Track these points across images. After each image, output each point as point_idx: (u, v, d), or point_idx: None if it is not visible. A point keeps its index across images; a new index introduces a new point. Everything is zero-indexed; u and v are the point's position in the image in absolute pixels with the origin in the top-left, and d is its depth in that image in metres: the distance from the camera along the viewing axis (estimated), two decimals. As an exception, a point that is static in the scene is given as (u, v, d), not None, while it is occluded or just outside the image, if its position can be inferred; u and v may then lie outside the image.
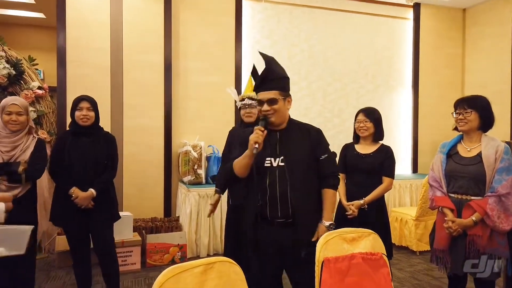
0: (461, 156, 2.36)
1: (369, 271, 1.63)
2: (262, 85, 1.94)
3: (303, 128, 2.03)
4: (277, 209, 1.88)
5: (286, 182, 1.88)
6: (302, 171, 1.92)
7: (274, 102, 1.91)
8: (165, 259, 3.96)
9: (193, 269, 1.22)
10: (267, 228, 1.91)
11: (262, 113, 1.94)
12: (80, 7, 4.38)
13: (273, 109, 1.91)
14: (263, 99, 1.92)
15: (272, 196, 1.88)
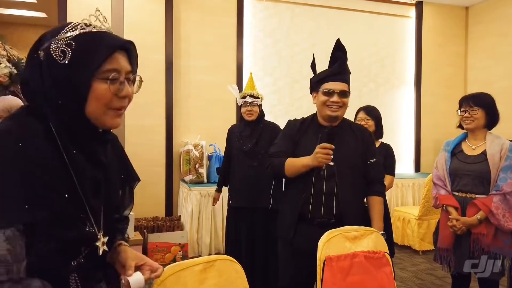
0: (465, 154, 2.34)
1: (372, 269, 1.61)
2: (337, 74, 1.82)
3: (356, 128, 1.95)
4: (320, 209, 1.80)
5: (334, 182, 1.80)
6: (351, 173, 1.85)
7: (346, 95, 1.83)
8: (167, 259, 3.95)
9: (193, 267, 1.21)
10: (306, 227, 1.82)
11: (328, 103, 1.80)
12: (82, 6, 4.37)
13: (343, 102, 1.83)
14: (335, 90, 1.80)
15: (317, 195, 1.80)
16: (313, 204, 1.81)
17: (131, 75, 0.92)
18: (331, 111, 1.82)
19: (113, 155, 1.03)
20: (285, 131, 1.98)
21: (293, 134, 1.90)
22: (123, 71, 0.89)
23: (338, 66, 1.84)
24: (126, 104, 0.91)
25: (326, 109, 1.83)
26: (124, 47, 0.91)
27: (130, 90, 0.91)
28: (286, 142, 1.91)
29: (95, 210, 0.90)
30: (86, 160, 0.87)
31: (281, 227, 1.95)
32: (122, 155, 1.11)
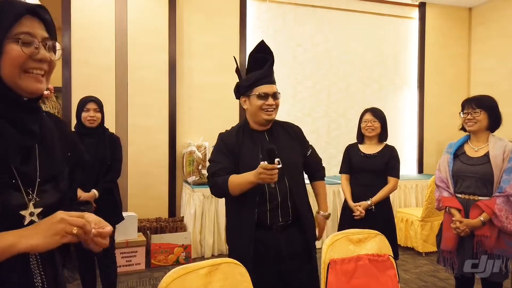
0: (468, 156, 2.33)
1: (376, 272, 1.61)
2: (268, 76, 1.77)
3: (287, 127, 1.94)
4: (278, 214, 1.78)
5: (285, 186, 1.79)
6: (298, 172, 1.87)
7: (277, 96, 1.80)
8: (170, 260, 3.96)
9: (198, 270, 1.21)
10: (265, 234, 1.76)
11: (264, 107, 1.75)
12: (85, 7, 4.39)
13: (276, 104, 1.80)
14: (269, 92, 1.76)
15: (273, 201, 1.76)
16: (270, 213, 1.76)
17: (49, 41, 0.92)
18: (267, 115, 1.78)
19: (57, 132, 1.04)
20: (220, 146, 1.85)
21: (230, 148, 1.80)
22: (38, 36, 0.89)
23: (268, 68, 1.78)
24: (45, 68, 0.91)
25: (262, 113, 1.78)
26: (35, 12, 0.91)
27: (47, 54, 0.90)
28: (225, 158, 1.80)
29: (27, 177, 0.90)
30: (12, 127, 0.87)
31: (238, 242, 1.80)
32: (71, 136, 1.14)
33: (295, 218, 1.81)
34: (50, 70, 0.94)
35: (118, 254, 3.58)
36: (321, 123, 5.44)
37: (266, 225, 1.77)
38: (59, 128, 1.06)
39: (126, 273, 3.70)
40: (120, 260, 3.65)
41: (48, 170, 0.96)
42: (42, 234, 0.82)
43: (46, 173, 0.95)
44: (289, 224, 1.80)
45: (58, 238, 0.82)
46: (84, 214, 0.88)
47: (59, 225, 0.82)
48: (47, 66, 0.92)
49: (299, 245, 1.80)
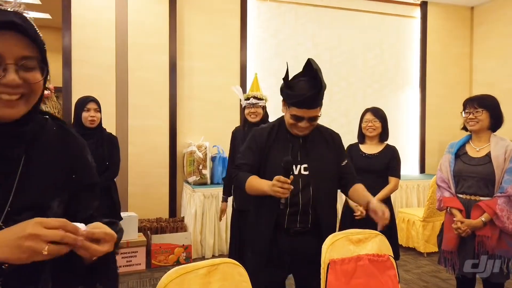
0: (469, 156, 2.32)
1: (376, 273, 1.60)
2: (309, 103, 1.66)
3: (326, 133, 1.89)
4: (296, 220, 1.76)
5: (309, 193, 1.75)
6: (326, 181, 1.80)
7: (316, 119, 1.75)
8: (170, 260, 3.95)
9: (197, 270, 1.21)
10: (282, 236, 1.77)
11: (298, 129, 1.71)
12: (86, 7, 4.38)
13: (312, 125, 1.75)
14: (305, 116, 1.69)
15: (293, 207, 1.74)
16: (289, 217, 1.76)
17: (29, 61, 0.81)
18: (299, 131, 1.75)
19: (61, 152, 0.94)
20: (251, 142, 1.84)
21: (260, 145, 1.78)
22: (9, 55, 0.79)
23: (312, 96, 1.65)
24: (19, 92, 0.81)
25: (294, 128, 1.76)
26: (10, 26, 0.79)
27: (14, 78, 0.79)
28: (252, 155, 1.80)
29: None
30: None
31: (256, 238, 1.85)
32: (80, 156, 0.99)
33: (314, 225, 1.78)
34: (33, 91, 0.84)
35: (119, 254, 3.57)
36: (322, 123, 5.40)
37: (283, 227, 1.77)
38: (64, 145, 0.95)
39: (126, 273, 3.69)
40: (121, 261, 3.65)
41: (26, 199, 0.85)
42: (10, 250, 0.70)
43: (23, 201, 0.84)
44: (306, 231, 1.78)
45: (25, 257, 0.70)
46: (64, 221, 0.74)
47: (26, 242, 0.69)
48: (23, 89, 0.82)
49: (313, 251, 1.74)
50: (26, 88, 0.82)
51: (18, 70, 0.80)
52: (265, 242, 1.77)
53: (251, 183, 1.71)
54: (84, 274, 0.88)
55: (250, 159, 1.80)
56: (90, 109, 2.75)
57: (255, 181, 1.70)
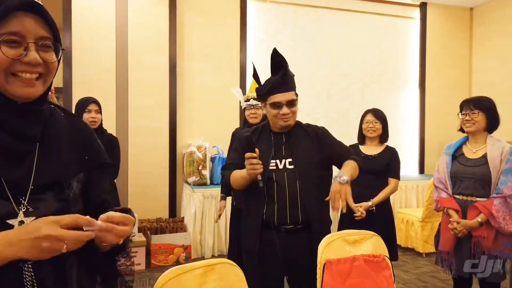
0: (466, 157, 2.34)
1: (371, 273, 1.62)
2: (280, 85, 1.77)
3: (309, 129, 1.92)
4: (286, 215, 1.77)
5: (296, 185, 1.77)
6: (312, 172, 1.82)
7: (294, 103, 1.80)
8: (170, 260, 3.97)
9: (194, 270, 1.23)
10: (272, 236, 1.77)
11: (279, 116, 1.78)
12: (86, 8, 4.41)
13: (292, 112, 1.80)
14: (282, 101, 1.77)
15: (281, 201, 1.76)
16: (278, 212, 1.77)
17: (47, 41, 0.85)
18: (284, 121, 1.81)
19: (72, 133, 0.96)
20: (236, 144, 1.94)
21: (244, 146, 1.80)
22: (31, 34, 0.82)
23: (281, 77, 1.77)
24: (38, 71, 0.84)
25: (279, 120, 1.81)
26: (31, 7, 0.82)
27: (37, 57, 0.82)
28: (238, 155, 1.86)
29: (17, 185, 0.83)
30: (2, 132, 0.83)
31: (246, 239, 1.90)
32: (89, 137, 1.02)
33: (305, 223, 1.79)
34: (49, 71, 0.87)
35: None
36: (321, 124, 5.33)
37: (274, 225, 1.79)
38: (74, 128, 0.98)
39: (126, 273, 3.71)
40: (121, 260, 3.66)
41: (47, 177, 0.88)
42: (27, 250, 0.73)
43: (44, 179, 0.87)
44: (298, 229, 1.79)
45: (44, 255, 0.74)
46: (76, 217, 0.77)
47: (44, 243, 0.72)
48: (41, 68, 0.84)
49: (306, 251, 1.77)
50: (44, 68, 0.85)
51: (38, 50, 0.83)
52: (254, 239, 1.80)
53: (234, 176, 1.83)
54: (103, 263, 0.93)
55: (236, 159, 1.89)
56: (91, 110, 2.76)
57: (236, 173, 1.82)
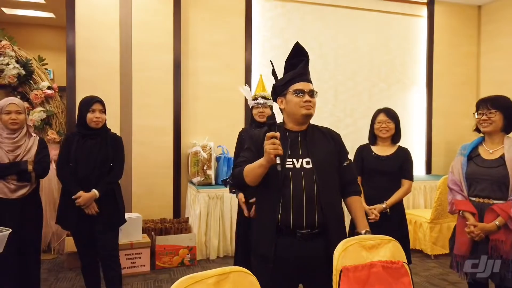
0: (483, 158, 2.26)
1: (390, 280, 1.55)
2: (303, 75, 1.79)
3: (325, 131, 1.88)
4: (302, 217, 1.68)
5: (313, 185, 1.70)
6: (330, 175, 1.76)
7: (314, 95, 1.80)
8: (175, 261, 3.91)
9: (207, 279, 1.15)
10: (288, 241, 1.70)
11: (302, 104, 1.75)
12: (90, 6, 4.34)
13: (313, 102, 1.79)
14: (305, 89, 1.76)
15: (298, 201, 1.68)
16: (294, 212, 1.68)
17: None
18: (306, 109, 1.76)
19: None
20: (249, 143, 1.86)
21: (257, 145, 1.78)
22: None
23: (303, 67, 1.79)
24: None
25: (301, 108, 1.76)
26: None
27: None
28: (251, 154, 1.80)
29: None
30: None
31: (258, 242, 1.79)
32: None
33: (322, 227, 1.71)
34: None
35: (123, 256, 3.54)
36: (327, 123, 5.32)
37: (290, 230, 1.70)
38: None
39: (130, 275, 3.65)
40: (125, 262, 3.61)
41: None
42: None
43: None
44: (315, 233, 1.70)
45: None
46: None
47: None
48: None
49: (322, 257, 1.69)
50: None
51: None
52: (269, 244, 1.71)
53: (249, 167, 1.72)
54: None
55: (249, 157, 1.80)
56: (95, 110, 2.69)
57: (251, 164, 1.73)
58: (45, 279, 3.46)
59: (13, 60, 4.05)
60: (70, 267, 3.79)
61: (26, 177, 2.63)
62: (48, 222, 3.84)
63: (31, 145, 2.71)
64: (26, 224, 2.65)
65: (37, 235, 2.79)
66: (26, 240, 2.66)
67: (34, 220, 2.75)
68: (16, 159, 2.62)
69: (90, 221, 2.69)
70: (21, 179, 2.62)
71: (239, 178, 1.77)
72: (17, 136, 2.66)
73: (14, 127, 2.63)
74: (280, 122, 1.88)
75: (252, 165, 1.71)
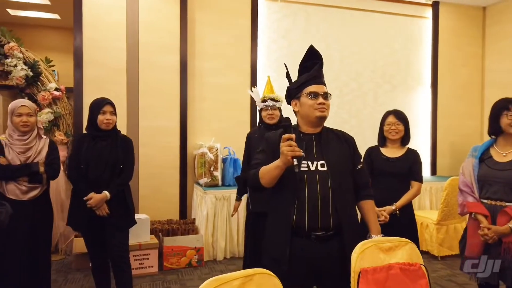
0: (495, 160, 2.27)
1: (407, 282, 1.56)
2: (317, 77, 1.80)
3: (339, 134, 1.90)
4: (317, 220, 1.69)
5: (328, 188, 1.71)
6: (345, 177, 1.78)
7: (328, 97, 1.81)
8: (182, 262, 3.92)
9: (232, 281, 1.17)
10: (302, 242, 1.71)
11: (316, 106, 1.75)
12: (97, 8, 4.36)
13: (327, 105, 1.79)
14: (319, 92, 1.77)
15: (313, 204, 1.69)
16: (309, 214, 1.69)
17: None
18: (320, 111, 1.77)
19: None
20: (264, 145, 1.87)
21: (272, 147, 1.79)
22: None
23: (317, 70, 1.81)
24: None
25: (315, 111, 1.77)
26: None
27: None
28: (265, 156, 1.81)
29: None
30: None
31: (272, 245, 1.79)
32: None
33: (337, 229, 1.72)
34: None
35: (131, 257, 3.52)
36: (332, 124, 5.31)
37: (304, 231, 1.70)
38: None
39: (139, 276, 3.66)
40: (133, 263, 3.60)
41: None
42: None
43: None
44: (329, 235, 1.72)
45: None
46: None
47: None
48: None
49: (337, 260, 1.70)
50: None
51: None
52: (283, 246, 1.71)
53: (265, 169, 1.73)
54: None
55: (263, 159, 1.81)
56: (106, 112, 2.71)
57: (267, 166, 1.73)
58: (54, 280, 3.46)
59: (21, 61, 4.06)
60: (78, 268, 3.80)
61: (38, 179, 2.65)
62: (55, 223, 3.84)
63: (41, 147, 2.73)
64: (38, 225, 2.67)
65: (48, 236, 2.81)
66: (38, 241, 2.67)
67: (45, 221, 2.76)
68: (27, 161, 2.64)
69: (101, 222, 2.70)
70: (32, 181, 2.63)
71: (255, 179, 1.77)
72: (28, 138, 2.67)
73: (25, 129, 2.64)
74: (294, 125, 1.88)
75: (268, 166, 1.72)
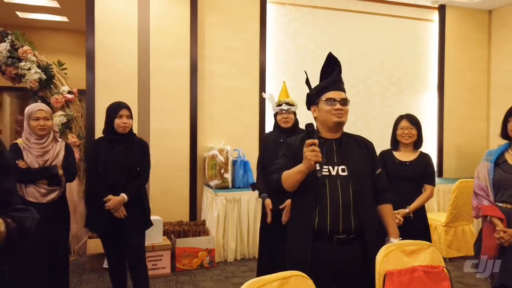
0: (510, 165, 2.31)
1: (431, 284, 1.60)
2: (336, 84, 1.85)
3: (358, 139, 1.94)
4: (339, 224, 1.74)
5: (349, 192, 1.76)
6: (365, 182, 1.82)
7: (346, 103, 1.84)
8: (194, 264, 3.96)
9: (271, 283, 1.22)
10: (324, 245, 1.75)
11: (333, 112, 1.79)
12: (109, 12, 4.41)
13: (345, 111, 1.82)
14: (336, 98, 1.81)
15: (335, 208, 1.74)
16: (331, 221, 1.73)
17: None
18: (337, 117, 1.80)
19: None
20: (285, 150, 1.92)
21: (294, 152, 1.83)
22: None
23: (336, 75, 1.86)
24: None
25: (332, 116, 1.81)
26: None
27: None
28: (287, 160, 1.85)
29: None
30: None
31: (295, 248, 1.83)
32: None
33: (358, 232, 1.77)
34: None
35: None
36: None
37: (326, 235, 1.75)
38: None
39: (152, 277, 3.66)
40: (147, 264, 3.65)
41: None
42: None
43: None
44: (351, 239, 1.76)
45: None
46: None
47: None
48: None
49: (358, 263, 1.75)
50: None
51: None
52: (305, 249, 1.75)
53: (287, 174, 1.77)
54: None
55: (285, 164, 1.85)
56: (122, 115, 2.76)
57: (289, 170, 1.77)
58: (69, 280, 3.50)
59: (34, 65, 4.10)
60: (92, 269, 3.84)
61: (57, 181, 2.69)
62: (69, 225, 3.89)
63: (58, 150, 2.77)
64: (56, 227, 2.71)
65: (66, 237, 2.86)
66: (57, 242, 2.71)
67: (63, 223, 2.81)
68: (45, 164, 2.68)
69: (118, 224, 2.74)
70: (52, 184, 2.67)
71: (277, 184, 1.81)
72: (45, 142, 2.71)
73: (42, 133, 2.68)
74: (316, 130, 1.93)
75: (290, 171, 1.76)
